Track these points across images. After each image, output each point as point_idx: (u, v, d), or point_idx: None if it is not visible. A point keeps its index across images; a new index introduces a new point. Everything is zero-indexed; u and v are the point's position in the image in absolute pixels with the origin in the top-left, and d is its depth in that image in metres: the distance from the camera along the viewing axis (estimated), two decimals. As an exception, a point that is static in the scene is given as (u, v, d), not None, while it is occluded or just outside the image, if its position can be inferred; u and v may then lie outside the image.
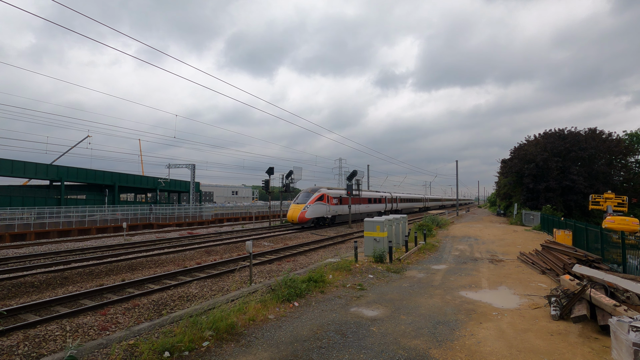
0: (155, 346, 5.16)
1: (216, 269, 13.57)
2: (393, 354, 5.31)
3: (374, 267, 11.64)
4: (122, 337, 5.78)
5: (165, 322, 6.47)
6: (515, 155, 41.12)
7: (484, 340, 5.90)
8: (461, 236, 22.70)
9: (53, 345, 6.74)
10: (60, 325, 7.64)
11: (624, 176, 39.27)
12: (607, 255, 11.79)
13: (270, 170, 32.01)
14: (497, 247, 17.75)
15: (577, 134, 38.76)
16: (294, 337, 5.98)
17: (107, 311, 8.61)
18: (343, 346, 5.58)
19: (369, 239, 13.80)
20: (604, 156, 37.57)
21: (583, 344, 5.77)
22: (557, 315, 6.98)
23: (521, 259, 13.75)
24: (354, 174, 32.97)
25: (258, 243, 20.49)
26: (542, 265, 11.83)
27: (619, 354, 4.84)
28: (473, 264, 12.98)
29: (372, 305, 7.80)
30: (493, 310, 7.58)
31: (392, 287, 9.47)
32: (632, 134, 45.54)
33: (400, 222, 17.02)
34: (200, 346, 5.49)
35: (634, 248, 10.15)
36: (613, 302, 6.40)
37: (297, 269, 13.27)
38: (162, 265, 14.10)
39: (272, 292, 8.31)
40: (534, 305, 7.94)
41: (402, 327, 6.48)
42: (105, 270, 12.91)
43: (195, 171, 54.22)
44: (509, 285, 9.81)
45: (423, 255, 14.99)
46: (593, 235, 13.53)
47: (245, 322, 6.50)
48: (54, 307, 8.93)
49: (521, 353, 5.41)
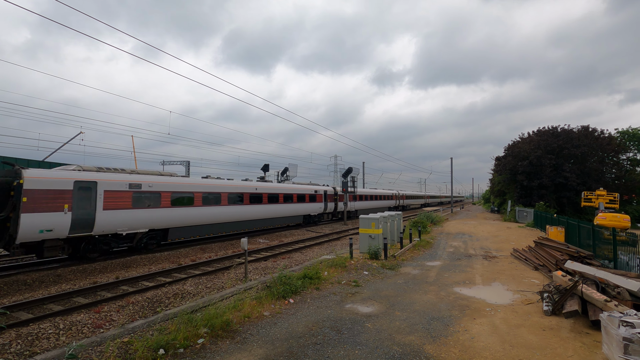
0: (149, 343, 5.15)
1: (211, 266, 13.54)
2: (388, 349, 5.34)
3: (369, 264, 11.69)
4: (116, 335, 5.76)
5: (159, 320, 6.45)
6: (509, 153, 41.43)
7: (477, 335, 5.96)
8: (455, 233, 22.86)
9: (46, 343, 6.69)
10: (53, 323, 7.59)
11: (615, 173, 39.76)
12: (598, 251, 11.95)
13: (266, 167, 31.92)
14: (491, 243, 17.90)
15: (570, 131, 39.13)
16: (289, 333, 5.99)
17: (101, 309, 8.56)
18: (338, 342, 5.61)
19: (364, 235, 13.84)
20: (597, 153, 37.99)
21: (575, 339, 5.86)
22: (549, 311, 7.07)
23: (514, 256, 13.88)
24: (349, 171, 33.04)
25: (253, 240, 20.46)
26: (535, 262, 11.96)
27: (610, 349, 4.91)
28: (467, 261, 13.09)
29: (367, 302, 7.83)
30: (486, 306, 7.65)
31: (387, 284, 9.52)
32: (624, 132, 46.07)
33: (395, 219, 17.10)
34: (196, 343, 5.48)
35: (625, 244, 10.30)
36: (604, 297, 6.49)
37: (292, 265, 13.29)
38: (156, 263, 14.03)
39: (267, 289, 8.31)
40: (526, 301, 8.03)
41: (397, 323, 6.52)
42: (99, 267, 12.82)
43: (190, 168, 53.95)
44: (503, 282, 9.91)
45: (418, 252, 15.07)
46: (585, 231, 13.70)
47: (240, 319, 6.50)
48: (47, 305, 8.86)
49: (514, 348, 5.47)
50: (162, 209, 15.88)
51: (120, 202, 14.16)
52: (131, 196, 14.59)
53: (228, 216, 19.98)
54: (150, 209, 15.36)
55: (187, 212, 17.19)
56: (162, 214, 15.88)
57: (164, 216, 16.03)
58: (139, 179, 15.16)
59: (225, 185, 19.93)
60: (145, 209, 15.16)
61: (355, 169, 34.16)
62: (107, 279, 11.44)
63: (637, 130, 45.43)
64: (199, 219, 17.99)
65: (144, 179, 15.41)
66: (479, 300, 8.05)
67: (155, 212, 15.58)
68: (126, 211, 14.33)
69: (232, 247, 18.22)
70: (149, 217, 15.31)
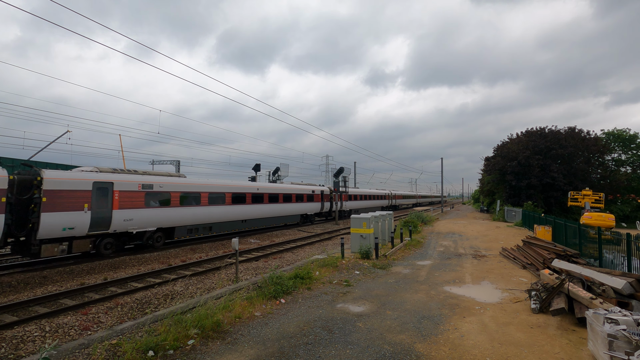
0: (138, 345, 5.08)
1: (202, 266, 13.43)
2: (379, 349, 5.37)
3: (361, 264, 11.73)
4: (104, 337, 5.67)
5: (149, 321, 6.37)
6: (498, 153, 42.01)
7: (467, 334, 6.03)
8: (446, 232, 23.08)
9: (32, 346, 6.55)
10: (39, 326, 7.43)
11: (601, 173, 40.64)
12: (584, 250, 12.19)
13: (257, 167, 31.78)
14: (480, 242, 18.12)
15: (558, 132, 39.86)
16: (281, 333, 5.98)
17: (89, 311, 8.41)
18: (329, 342, 5.61)
19: (356, 235, 13.88)
20: (583, 154, 38.78)
21: (561, 336, 5.97)
22: (537, 309, 7.19)
23: (503, 255, 14.08)
24: (341, 171, 33.10)
25: (244, 240, 20.34)
26: (523, 260, 12.15)
27: (595, 345, 5.02)
28: (457, 260, 13.23)
29: (358, 301, 7.86)
30: (476, 304, 7.75)
31: (378, 283, 9.56)
32: (610, 133, 47.12)
33: (387, 219, 17.19)
34: (186, 344, 5.43)
35: (610, 243, 10.53)
36: (589, 295, 6.63)
37: (283, 265, 13.25)
38: (145, 263, 13.85)
39: (258, 289, 8.28)
40: (515, 299, 8.15)
41: (388, 322, 6.55)
42: (87, 268, 12.60)
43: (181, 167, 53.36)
44: (492, 280, 10.04)
45: (408, 251, 15.18)
46: (571, 231, 13.96)
47: (231, 320, 6.46)
48: (33, 308, 8.67)
49: (502, 346, 5.55)
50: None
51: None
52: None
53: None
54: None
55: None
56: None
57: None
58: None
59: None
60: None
61: (347, 169, 34.23)
62: (95, 280, 11.25)
63: (622, 131, 46.52)
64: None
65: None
66: (469, 299, 8.15)
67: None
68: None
69: (223, 247, 18.09)
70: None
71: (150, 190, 15.60)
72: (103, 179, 13.80)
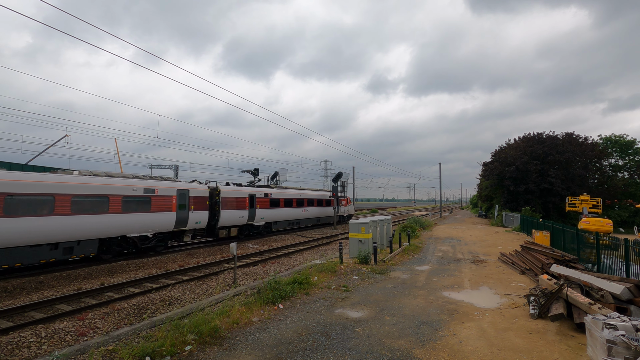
0: (135, 351, 5.04)
1: (199, 271, 13.35)
2: (377, 354, 5.34)
3: (359, 269, 11.70)
4: (100, 343, 5.62)
5: (146, 327, 6.33)
6: (496, 159, 42.14)
7: (465, 339, 6.00)
8: (444, 237, 23.07)
9: (27, 352, 6.48)
10: (35, 332, 7.36)
11: (598, 179, 40.79)
12: (582, 255, 12.19)
13: (256, 172, 31.76)
14: (479, 248, 18.12)
15: (555, 138, 40.05)
16: (279, 339, 5.94)
17: (85, 316, 8.34)
18: (328, 348, 5.58)
19: (354, 240, 13.86)
20: (580, 160, 38.94)
21: (560, 342, 5.95)
22: (535, 314, 7.17)
23: (502, 260, 14.07)
24: (339, 175, 33.12)
25: (242, 245, 20.28)
26: (522, 266, 12.14)
27: (594, 351, 5.00)
28: (455, 265, 13.21)
29: (356, 307, 7.83)
30: (475, 310, 7.73)
31: (376, 289, 9.53)
32: (607, 139, 47.35)
33: (385, 224, 17.17)
34: (183, 350, 5.38)
35: (608, 248, 10.54)
36: (588, 300, 6.62)
37: (282, 271, 13.20)
38: (143, 268, 13.77)
39: (256, 295, 8.23)
40: (513, 304, 8.14)
41: (387, 328, 6.52)
42: (84, 273, 12.52)
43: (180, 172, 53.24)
44: (490, 286, 10.03)
45: (407, 256, 15.15)
46: (570, 236, 13.98)
47: (229, 325, 6.42)
48: (29, 313, 8.59)
49: (501, 352, 5.53)
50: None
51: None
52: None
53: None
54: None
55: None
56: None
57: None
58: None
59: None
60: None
61: (345, 174, 34.26)
62: (92, 285, 11.17)
63: (619, 137, 46.77)
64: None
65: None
66: (468, 304, 8.12)
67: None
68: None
69: (220, 252, 18.02)
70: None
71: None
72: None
